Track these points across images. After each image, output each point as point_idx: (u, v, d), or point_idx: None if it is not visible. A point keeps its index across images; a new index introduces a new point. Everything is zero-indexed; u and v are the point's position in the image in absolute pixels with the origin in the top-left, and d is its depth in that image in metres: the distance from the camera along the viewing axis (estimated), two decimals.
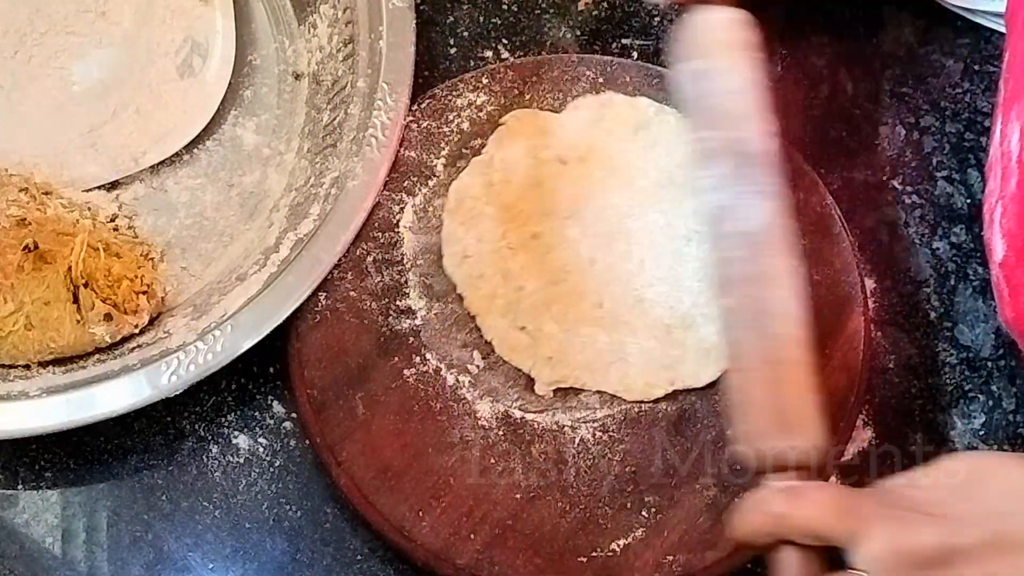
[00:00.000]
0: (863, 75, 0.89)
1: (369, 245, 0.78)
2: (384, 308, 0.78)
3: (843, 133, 0.87)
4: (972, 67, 0.89)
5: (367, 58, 0.81)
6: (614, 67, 0.84)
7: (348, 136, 0.79)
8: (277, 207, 0.81)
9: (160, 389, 0.71)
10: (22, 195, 0.76)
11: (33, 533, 0.74)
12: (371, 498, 0.72)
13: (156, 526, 0.74)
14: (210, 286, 0.78)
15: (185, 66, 0.83)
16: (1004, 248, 0.70)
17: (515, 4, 0.90)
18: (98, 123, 0.81)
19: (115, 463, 0.75)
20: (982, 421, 0.80)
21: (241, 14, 0.86)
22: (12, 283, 0.72)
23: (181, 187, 0.82)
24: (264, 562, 0.74)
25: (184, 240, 0.80)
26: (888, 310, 0.82)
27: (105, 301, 0.73)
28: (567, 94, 0.83)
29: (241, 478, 0.75)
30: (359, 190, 0.77)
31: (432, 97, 0.83)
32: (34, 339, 0.72)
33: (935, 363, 0.81)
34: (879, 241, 0.84)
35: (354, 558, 0.74)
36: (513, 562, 0.72)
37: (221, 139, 0.83)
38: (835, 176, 0.85)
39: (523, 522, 0.73)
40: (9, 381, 0.73)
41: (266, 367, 0.78)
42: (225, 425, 0.76)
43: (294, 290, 0.75)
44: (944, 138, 0.87)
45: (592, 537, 0.73)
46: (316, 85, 0.85)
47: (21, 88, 0.81)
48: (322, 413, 0.74)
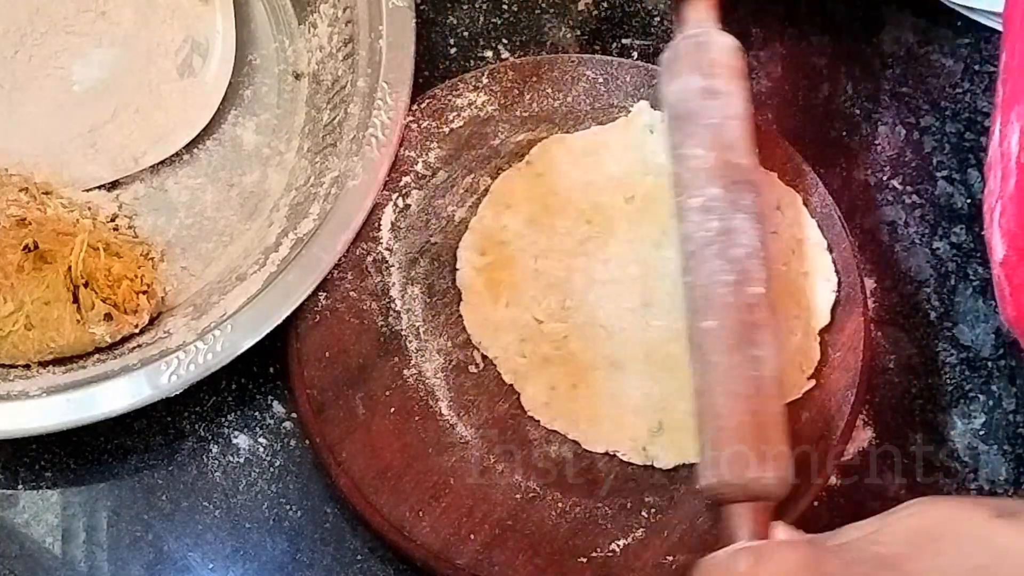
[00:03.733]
0: (863, 75, 0.89)
1: (369, 245, 0.78)
2: (384, 308, 0.78)
3: (843, 133, 0.87)
4: (972, 67, 0.89)
5: (367, 58, 0.81)
6: (614, 67, 0.84)
7: (348, 136, 0.79)
8: (277, 207, 0.81)
9: (160, 389, 0.71)
10: (22, 195, 0.76)
11: (33, 533, 0.74)
12: (371, 498, 0.72)
13: (156, 526, 0.74)
14: (210, 286, 0.78)
15: (185, 66, 0.83)
16: (1004, 248, 0.70)
17: (515, 4, 0.90)
18: (98, 123, 0.81)
19: (115, 463, 0.75)
20: (982, 421, 0.80)
21: (241, 14, 0.86)
22: (12, 283, 0.72)
23: (181, 187, 0.82)
24: (264, 562, 0.74)
25: (184, 240, 0.80)
26: (888, 310, 0.82)
27: (105, 301, 0.73)
28: (566, 94, 0.83)
29: (241, 478, 0.75)
30: (359, 189, 0.77)
31: (432, 97, 0.83)
32: (34, 339, 0.72)
33: (935, 363, 0.81)
34: (879, 241, 0.84)
35: (354, 558, 0.74)
36: (513, 562, 0.72)
37: (221, 139, 0.83)
38: (835, 176, 0.85)
39: (523, 522, 0.73)
40: (9, 381, 0.72)
41: (266, 367, 0.78)
42: (225, 425, 0.76)
43: (294, 290, 0.75)
44: (944, 138, 0.87)
45: (592, 537, 0.73)
46: (316, 85, 0.85)
47: (21, 88, 0.81)
48: (322, 413, 0.74)
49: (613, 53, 0.88)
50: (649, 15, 0.89)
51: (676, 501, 0.74)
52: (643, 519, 0.73)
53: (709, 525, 0.73)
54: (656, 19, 0.89)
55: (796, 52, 0.89)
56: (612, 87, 0.84)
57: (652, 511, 0.73)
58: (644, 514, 0.73)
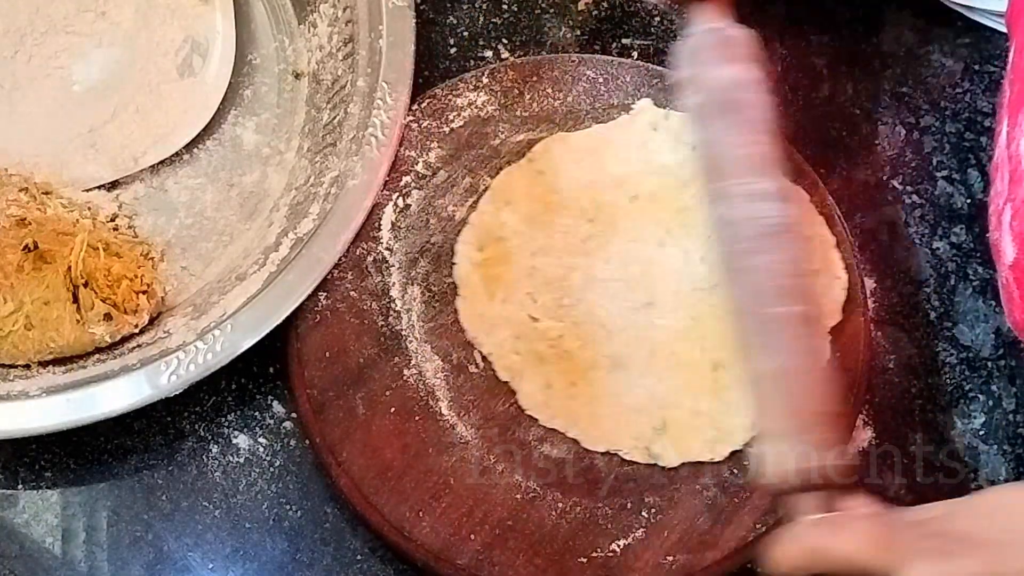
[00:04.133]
0: (863, 75, 0.89)
1: (369, 245, 0.78)
2: (384, 308, 0.78)
3: (843, 133, 0.87)
4: (972, 67, 0.89)
5: (367, 57, 0.81)
6: (614, 67, 0.84)
7: (348, 135, 0.79)
8: (277, 206, 0.81)
9: (160, 389, 0.71)
10: (22, 195, 0.76)
11: (33, 533, 0.74)
12: (371, 498, 0.72)
13: (156, 526, 0.74)
14: (210, 286, 0.78)
15: (185, 66, 0.83)
16: (1016, 251, 0.69)
17: (515, 4, 0.90)
18: (98, 123, 0.81)
19: (115, 463, 0.75)
20: (982, 421, 0.80)
21: (241, 13, 0.86)
22: (12, 283, 0.72)
23: (181, 187, 0.82)
24: (264, 562, 0.74)
25: (184, 240, 0.80)
26: (888, 310, 0.82)
27: (105, 301, 0.73)
28: (567, 94, 0.83)
29: (241, 478, 0.75)
30: (359, 189, 0.77)
31: (432, 97, 0.83)
32: (34, 339, 0.72)
33: (935, 363, 0.81)
34: (879, 241, 0.84)
35: (354, 558, 0.74)
36: (513, 562, 0.72)
37: (221, 139, 0.83)
38: (835, 176, 0.85)
39: (523, 522, 0.73)
40: (9, 381, 0.72)
41: (266, 367, 0.78)
42: (225, 425, 0.76)
43: (294, 289, 0.75)
44: (944, 138, 0.87)
45: (592, 537, 0.73)
46: (316, 84, 0.85)
47: (21, 88, 0.81)
48: (322, 413, 0.74)
49: (613, 53, 0.88)
50: (649, 15, 0.89)
51: (676, 501, 0.74)
52: (643, 519, 0.73)
53: (709, 525, 0.73)
54: (656, 19, 0.89)
55: (796, 52, 0.89)
56: (612, 87, 0.84)
57: (652, 511, 0.73)
58: (644, 514, 0.73)
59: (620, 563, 0.72)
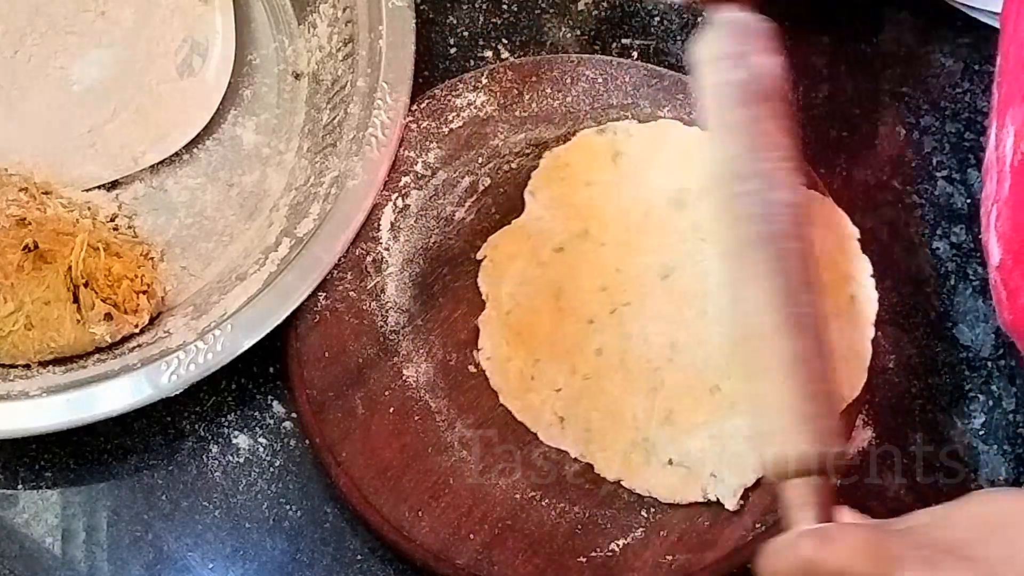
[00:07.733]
0: (863, 75, 0.89)
1: (369, 245, 0.78)
2: (383, 308, 0.78)
3: (843, 133, 0.87)
4: (972, 67, 0.89)
5: (367, 57, 0.81)
6: (614, 67, 0.84)
7: (348, 135, 0.79)
8: (277, 206, 0.81)
9: (160, 389, 0.71)
10: (22, 195, 0.76)
11: (33, 533, 0.74)
12: (371, 498, 0.72)
13: (156, 526, 0.74)
14: (210, 286, 0.78)
15: (185, 66, 0.83)
16: (1000, 252, 0.69)
17: (515, 4, 0.90)
18: (98, 123, 0.81)
19: (115, 463, 0.75)
20: (982, 421, 0.80)
21: (241, 14, 0.86)
22: (12, 283, 0.72)
23: (181, 187, 0.82)
24: (264, 562, 0.74)
25: (184, 240, 0.80)
26: (888, 310, 0.82)
27: (105, 301, 0.73)
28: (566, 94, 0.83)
29: (241, 478, 0.75)
30: (359, 189, 0.77)
31: (432, 97, 0.83)
32: (34, 339, 0.72)
33: (935, 363, 0.81)
34: (879, 241, 0.84)
35: (354, 558, 0.74)
36: (513, 562, 0.72)
37: (221, 139, 0.83)
38: (835, 176, 0.85)
39: (523, 522, 0.73)
40: (9, 381, 0.72)
41: (266, 367, 0.78)
42: (225, 425, 0.76)
43: (294, 289, 0.75)
44: (944, 138, 0.87)
45: (592, 537, 0.73)
46: (316, 84, 0.85)
47: (21, 88, 0.81)
48: (321, 413, 0.74)
49: (613, 53, 0.88)
50: (649, 15, 0.89)
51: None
52: (643, 519, 0.73)
53: (708, 525, 0.73)
54: (656, 19, 0.89)
55: (796, 52, 0.89)
56: (612, 87, 0.84)
57: (652, 511, 0.73)
58: (644, 514, 0.73)
59: (620, 563, 0.72)
